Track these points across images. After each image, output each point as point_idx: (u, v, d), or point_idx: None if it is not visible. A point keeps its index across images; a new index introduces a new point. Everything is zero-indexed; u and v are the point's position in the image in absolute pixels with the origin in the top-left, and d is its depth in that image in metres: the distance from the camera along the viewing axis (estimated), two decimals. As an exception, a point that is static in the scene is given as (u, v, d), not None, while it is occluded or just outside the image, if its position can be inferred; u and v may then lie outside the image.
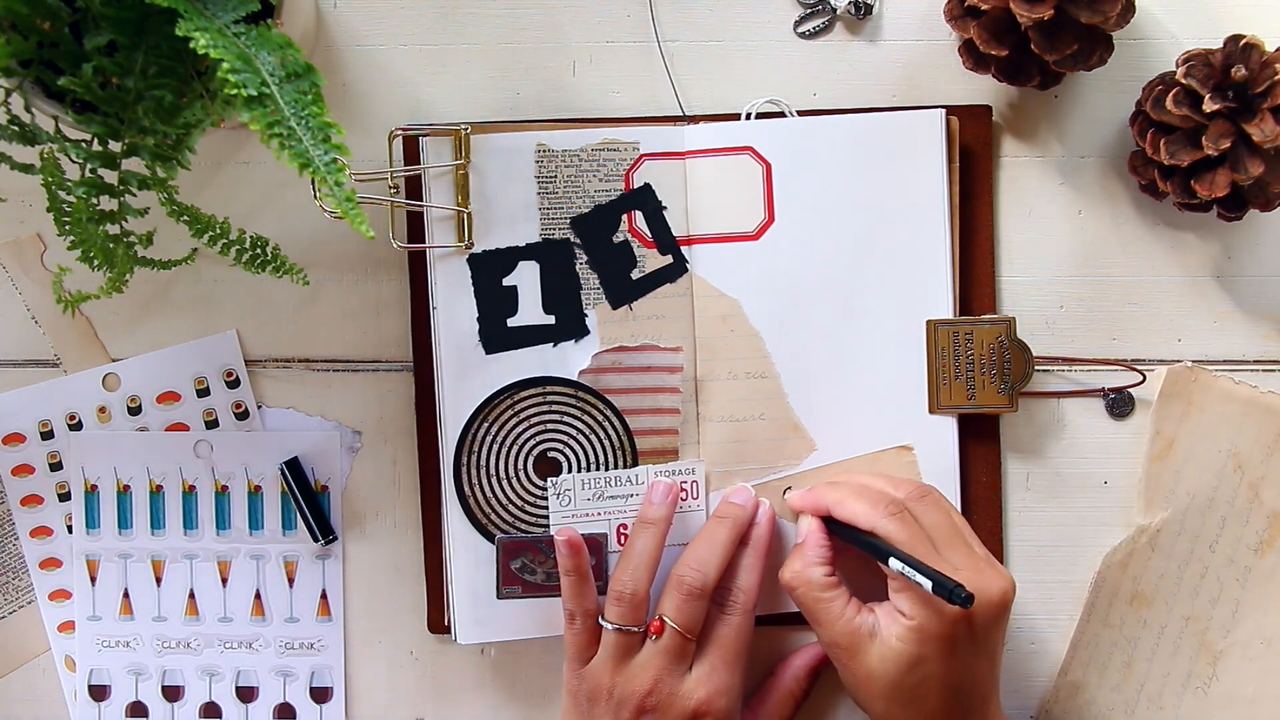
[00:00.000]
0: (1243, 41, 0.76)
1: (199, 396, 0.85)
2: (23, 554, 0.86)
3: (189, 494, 0.85)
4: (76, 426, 0.85)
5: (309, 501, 0.84)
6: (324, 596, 0.86)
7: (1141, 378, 0.83)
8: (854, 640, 0.74)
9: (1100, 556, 0.84)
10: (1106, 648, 0.84)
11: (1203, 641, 0.84)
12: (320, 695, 0.86)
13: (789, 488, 0.83)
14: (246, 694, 0.86)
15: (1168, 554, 0.84)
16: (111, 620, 0.86)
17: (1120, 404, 0.84)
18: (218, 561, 0.85)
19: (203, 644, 0.86)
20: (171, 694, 0.86)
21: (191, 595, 0.86)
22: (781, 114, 0.83)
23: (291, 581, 0.86)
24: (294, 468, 0.84)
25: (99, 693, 0.86)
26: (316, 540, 0.85)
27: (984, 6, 0.77)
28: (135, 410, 0.85)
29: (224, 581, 0.86)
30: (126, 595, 0.86)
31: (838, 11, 0.84)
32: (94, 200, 0.70)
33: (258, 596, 0.86)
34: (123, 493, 0.85)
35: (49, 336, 0.85)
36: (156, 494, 0.85)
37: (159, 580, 0.86)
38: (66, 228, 0.71)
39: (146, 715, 0.86)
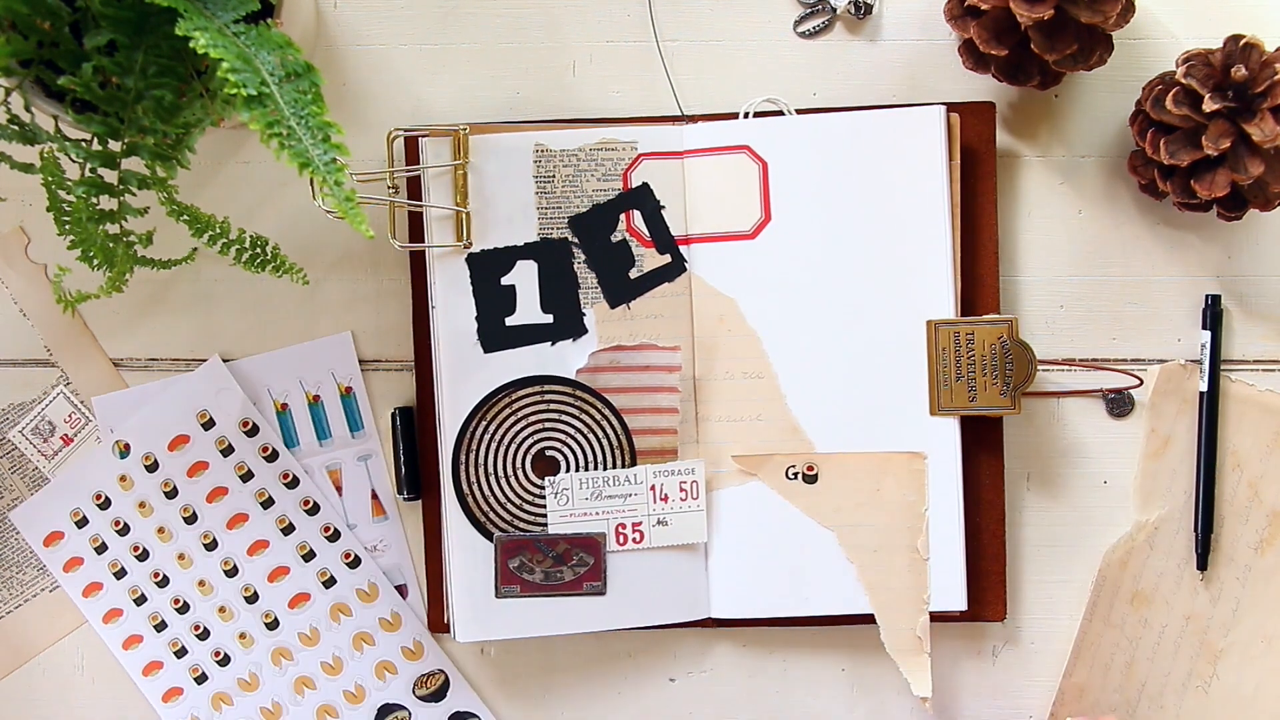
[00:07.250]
0: (1243, 41, 0.76)
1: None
2: (23, 548, 0.86)
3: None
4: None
5: (410, 454, 0.84)
6: (374, 497, 0.85)
7: (1139, 381, 0.83)
8: None
9: (1100, 556, 0.84)
10: (1109, 648, 0.84)
11: (1203, 641, 0.84)
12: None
13: (791, 467, 0.82)
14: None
15: (1167, 552, 0.84)
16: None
17: (1120, 404, 0.84)
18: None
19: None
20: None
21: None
22: (780, 113, 0.83)
23: (340, 490, 0.85)
24: (405, 416, 0.84)
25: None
26: (401, 493, 0.84)
27: (984, 6, 0.77)
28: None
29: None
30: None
31: (838, 11, 0.84)
32: (94, 200, 0.70)
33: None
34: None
35: (39, 331, 0.85)
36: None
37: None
38: (66, 227, 0.71)
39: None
